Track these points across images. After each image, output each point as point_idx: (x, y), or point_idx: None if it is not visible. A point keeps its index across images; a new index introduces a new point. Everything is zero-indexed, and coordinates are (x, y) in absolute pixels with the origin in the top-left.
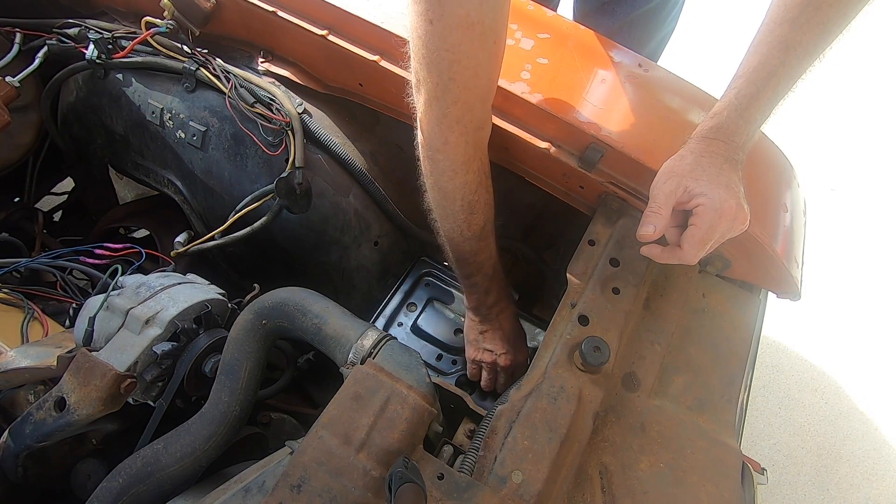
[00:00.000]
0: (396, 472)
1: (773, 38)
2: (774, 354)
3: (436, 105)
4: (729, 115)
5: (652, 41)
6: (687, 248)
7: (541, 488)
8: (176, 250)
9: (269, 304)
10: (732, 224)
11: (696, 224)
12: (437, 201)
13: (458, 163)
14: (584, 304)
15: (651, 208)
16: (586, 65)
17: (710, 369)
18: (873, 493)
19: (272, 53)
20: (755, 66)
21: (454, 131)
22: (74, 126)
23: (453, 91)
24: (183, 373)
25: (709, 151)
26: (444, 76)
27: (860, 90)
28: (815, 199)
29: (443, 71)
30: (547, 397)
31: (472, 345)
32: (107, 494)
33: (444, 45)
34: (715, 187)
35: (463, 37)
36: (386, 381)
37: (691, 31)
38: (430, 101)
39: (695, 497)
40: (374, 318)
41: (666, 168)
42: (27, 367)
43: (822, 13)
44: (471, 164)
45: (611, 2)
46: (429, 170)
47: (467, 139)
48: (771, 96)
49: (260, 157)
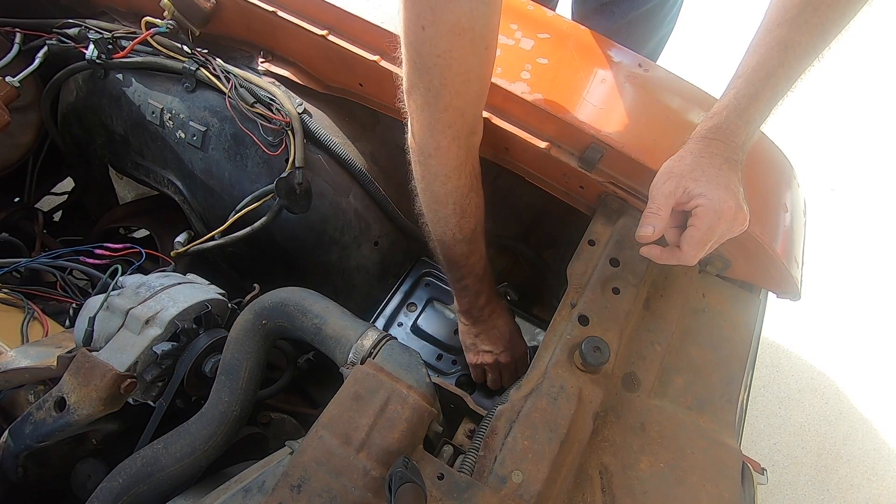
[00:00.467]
0: (396, 472)
1: (772, 38)
2: (774, 354)
3: (428, 110)
4: (728, 115)
5: (651, 41)
6: (686, 249)
7: (541, 488)
8: (176, 250)
9: (269, 304)
10: (732, 225)
11: (695, 225)
12: (429, 205)
13: (450, 167)
14: (584, 304)
15: (650, 209)
16: (586, 65)
17: (710, 369)
18: (873, 493)
19: (272, 53)
20: (754, 66)
21: (446, 136)
22: (74, 126)
23: (445, 97)
24: (183, 373)
25: (708, 152)
26: (436, 82)
27: (860, 90)
28: (815, 199)
29: (434, 77)
30: (547, 397)
31: (469, 350)
32: (107, 494)
33: (436, 52)
34: (714, 188)
35: (454, 43)
36: (386, 381)
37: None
38: (422, 107)
39: (695, 497)
40: (374, 318)
41: (665, 168)
42: (27, 367)
43: (820, 14)
44: (463, 169)
45: (609, 2)
46: (420, 174)
47: (459, 144)
48: (770, 96)
49: (260, 157)
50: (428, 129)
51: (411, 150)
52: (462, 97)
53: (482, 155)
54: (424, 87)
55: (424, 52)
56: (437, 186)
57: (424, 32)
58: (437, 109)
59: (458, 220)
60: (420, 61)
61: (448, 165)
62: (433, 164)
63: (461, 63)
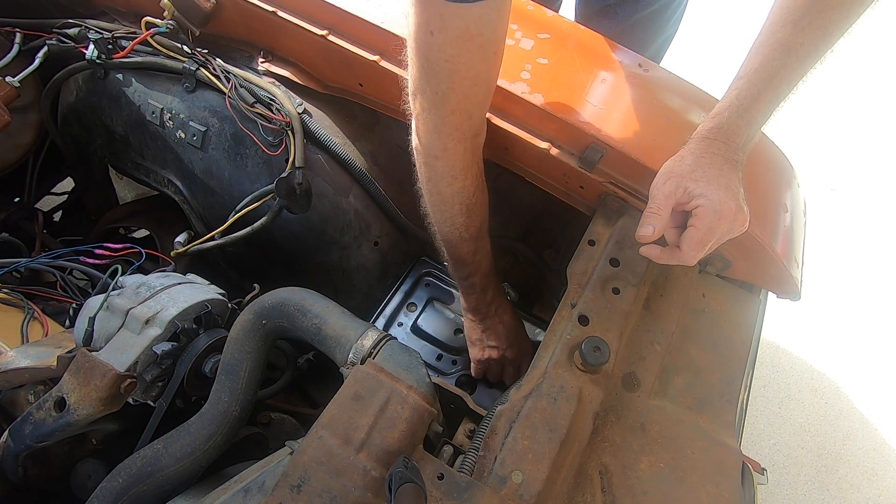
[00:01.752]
0: (396, 472)
1: (775, 40)
2: (774, 354)
3: (435, 113)
4: (730, 115)
5: (654, 44)
6: (686, 249)
7: (541, 488)
8: (176, 250)
9: (269, 304)
10: (732, 225)
11: (695, 225)
12: (436, 206)
13: (456, 169)
14: (584, 304)
15: (650, 209)
16: (586, 65)
17: (710, 369)
18: (873, 493)
19: (272, 53)
20: (756, 67)
21: (452, 138)
22: (74, 126)
23: (452, 100)
24: (183, 373)
25: (709, 152)
26: (444, 86)
27: (860, 90)
28: (815, 199)
29: (442, 81)
30: (547, 397)
31: (475, 345)
32: (107, 494)
33: (444, 56)
34: (714, 189)
35: (462, 48)
36: (386, 381)
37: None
38: (430, 110)
39: (695, 497)
40: (374, 318)
41: (665, 169)
42: (27, 367)
43: (824, 16)
44: (469, 170)
45: (613, 5)
46: (427, 176)
47: (465, 146)
48: (772, 98)
49: (260, 157)
50: (434, 131)
51: (416, 151)
52: (469, 100)
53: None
54: (432, 90)
55: (433, 56)
56: (444, 187)
57: (433, 38)
58: (445, 112)
59: (465, 219)
60: (428, 66)
61: (455, 167)
62: (439, 166)
63: (469, 68)
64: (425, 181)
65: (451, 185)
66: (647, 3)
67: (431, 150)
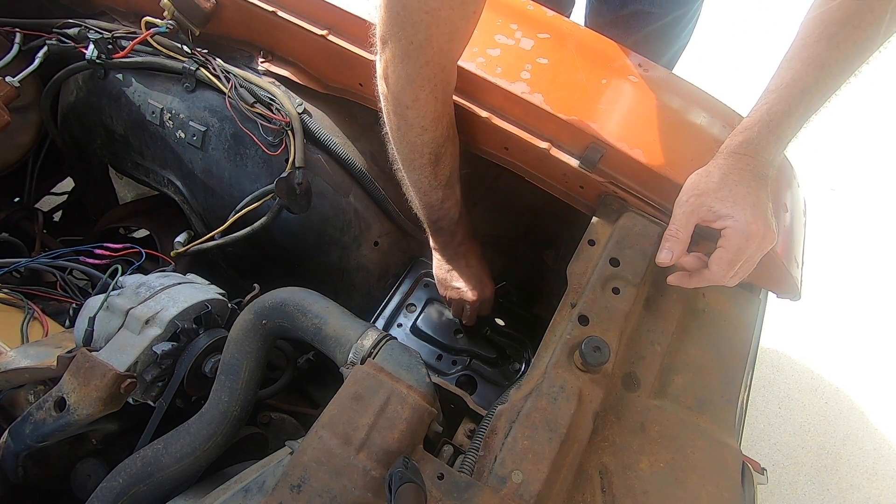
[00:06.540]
0: (396, 472)
1: (809, 54)
2: (774, 354)
3: (408, 62)
4: (760, 130)
5: (665, 55)
6: (715, 270)
7: (541, 488)
8: (176, 250)
9: (269, 304)
10: (761, 244)
11: (724, 246)
12: (405, 154)
13: (427, 119)
14: (584, 304)
15: (670, 231)
16: (586, 65)
17: (710, 369)
18: (873, 493)
19: (272, 53)
20: (788, 82)
21: (424, 90)
22: (74, 126)
23: (427, 52)
24: (183, 373)
25: (737, 168)
26: (420, 36)
27: (860, 90)
28: (815, 199)
29: (419, 31)
30: (547, 397)
31: (441, 284)
32: (107, 494)
33: (424, 8)
34: (742, 209)
35: (445, 2)
36: (386, 381)
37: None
38: (402, 59)
39: (695, 497)
40: (374, 319)
41: (690, 185)
42: (27, 367)
43: (860, 31)
44: (440, 121)
45: (625, 15)
46: (395, 124)
47: (437, 96)
48: (803, 113)
49: (260, 157)
50: (406, 80)
51: (384, 97)
52: (444, 54)
53: (481, 154)
54: (407, 39)
55: (412, 5)
56: (413, 137)
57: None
58: (419, 63)
59: (434, 167)
60: (405, 14)
61: (426, 118)
62: (410, 116)
63: (449, 23)
64: (394, 129)
65: (420, 136)
66: (658, 16)
67: (402, 100)
